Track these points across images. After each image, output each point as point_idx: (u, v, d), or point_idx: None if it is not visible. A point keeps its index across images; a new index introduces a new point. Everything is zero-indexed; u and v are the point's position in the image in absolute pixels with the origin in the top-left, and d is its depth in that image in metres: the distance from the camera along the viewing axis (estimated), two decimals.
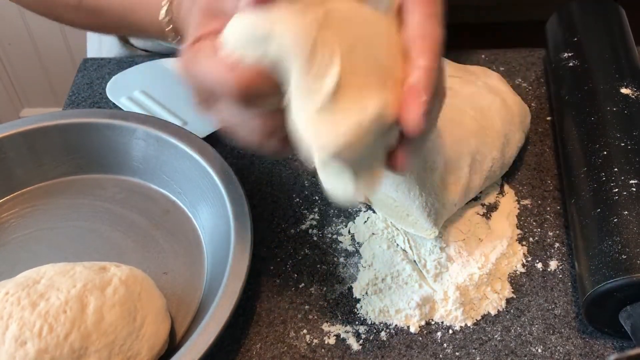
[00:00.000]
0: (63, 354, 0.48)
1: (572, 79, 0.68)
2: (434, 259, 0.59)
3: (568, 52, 0.71)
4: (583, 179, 0.59)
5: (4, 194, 0.67)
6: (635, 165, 0.57)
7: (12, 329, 0.48)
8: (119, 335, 0.50)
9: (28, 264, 0.56)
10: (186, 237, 0.64)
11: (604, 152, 0.59)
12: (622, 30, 0.71)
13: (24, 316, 0.49)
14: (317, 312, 0.58)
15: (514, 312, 0.57)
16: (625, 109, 0.62)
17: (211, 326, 0.51)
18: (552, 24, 0.76)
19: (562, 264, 0.60)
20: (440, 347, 0.55)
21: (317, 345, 0.55)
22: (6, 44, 1.65)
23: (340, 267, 0.61)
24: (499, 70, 0.78)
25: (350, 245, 0.62)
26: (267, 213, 0.66)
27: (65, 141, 0.67)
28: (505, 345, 0.55)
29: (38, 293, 0.50)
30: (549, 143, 0.71)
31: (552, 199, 0.65)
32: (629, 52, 0.69)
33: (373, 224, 0.63)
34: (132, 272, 0.54)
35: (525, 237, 0.62)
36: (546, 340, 0.55)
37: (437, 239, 0.61)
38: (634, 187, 0.56)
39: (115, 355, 0.50)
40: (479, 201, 0.65)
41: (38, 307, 0.49)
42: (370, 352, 0.55)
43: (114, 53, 0.88)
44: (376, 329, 0.56)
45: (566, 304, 0.57)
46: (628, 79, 0.65)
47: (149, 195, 0.67)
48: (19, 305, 0.49)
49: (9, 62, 1.70)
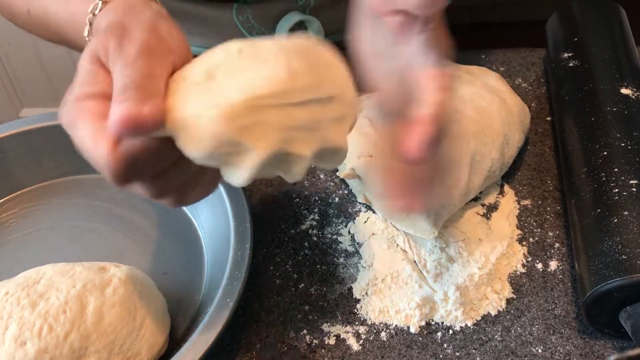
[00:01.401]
0: (63, 354, 0.48)
1: (572, 79, 0.68)
2: (434, 259, 0.59)
3: (568, 52, 0.71)
4: (583, 179, 0.59)
5: (4, 194, 0.67)
6: (635, 166, 0.57)
7: (12, 329, 0.48)
8: (119, 335, 0.50)
9: (28, 263, 0.56)
10: (186, 237, 0.64)
11: (604, 152, 0.59)
12: (622, 30, 0.71)
13: (23, 316, 0.49)
14: (317, 312, 0.58)
15: (514, 312, 0.57)
16: (625, 109, 0.62)
17: (211, 326, 0.51)
18: (552, 24, 0.76)
19: (562, 264, 0.60)
20: (441, 348, 0.55)
21: (317, 346, 0.55)
22: (6, 44, 1.65)
23: (340, 268, 0.61)
24: (499, 71, 0.78)
25: (350, 245, 0.62)
26: (267, 213, 0.66)
27: (66, 141, 0.67)
28: (505, 345, 0.55)
29: (38, 293, 0.50)
30: (549, 143, 0.71)
31: (552, 199, 0.65)
32: (629, 52, 0.69)
33: (373, 224, 0.63)
34: (132, 272, 0.54)
35: (525, 238, 0.62)
36: (546, 341, 0.55)
37: (437, 239, 0.61)
38: (634, 187, 0.56)
39: (115, 355, 0.50)
40: (479, 201, 0.65)
41: (38, 307, 0.49)
42: (370, 352, 0.55)
43: None
44: (376, 329, 0.56)
45: (566, 304, 0.57)
46: (628, 79, 0.65)
47: None
48: (19, 305, 0.49)
49: (8, 62, 1.70)
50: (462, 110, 0.63)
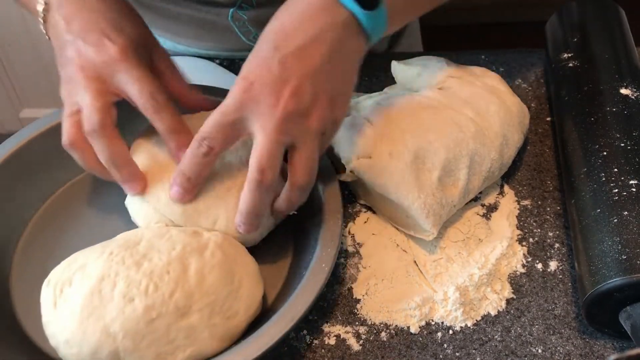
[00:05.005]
0: (169, 311, 0.50)
1: (572, 80, 0.68)
2: (434, 259, 0.59)
3: (568, 53, 0.71)
4: (583, 180, 0.59)
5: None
6: (635, 166, 0.57)
7: (120, 286, 0.50)
8: (219, 295, 0.51)
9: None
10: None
11: (603, 152, 0.59)
12: (622, 30, 0.71)
13: (129, 275, 0.50)
14: (317, 312, 0.58)
15: (514, 312, 0.57)
16: (625, 109, 0.62)
17: (307, 289, 0.52)
18: (552, 24, 0.76)
19: (562, 265, 0.60)
20: (441, 348, 0.55)
21: (317, 346, 0.56)
22: (6, 45, 1.65)
23: (340, 268, 0.61)
24: (499, 71, 0.78)
25: (350, 245, 0.62)
26: None
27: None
28: (505, 345, 0.55)
29: (140, 254, 0.52)
30: (549, 143, 0.71)
31: (552, 200, 0.65)
32: (629, 52, 0.69)
33: (373, 225, 0.63)
34: (225, 236, 0.55)
35: (525, 238, 0.62)
36: (546, 341, 0.55)
37: (437, 239, 0.61)
38: (634, 187, 0.56)
39: (216, 314, 0.51)
40: (479, 202, 0.65)
41: (142, 266, 0.51)
42: (370, 352, 0.55)
43: None
44: (376, 329, 0.56)
45: (566, 305, 0.57)
46: (628, 79, 0.65)
47: None
48: (124, 264, 0.51)
49: (8, 62, 1.70)
50: (461, 111, 0.63)
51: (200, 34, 0.80)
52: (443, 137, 0.60)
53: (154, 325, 0.49)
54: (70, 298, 0.50)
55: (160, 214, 0.56)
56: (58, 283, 0.52)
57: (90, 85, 0.55)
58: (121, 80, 0.55)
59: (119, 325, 0.49)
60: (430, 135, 0.60)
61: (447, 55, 0.71)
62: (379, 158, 0.60)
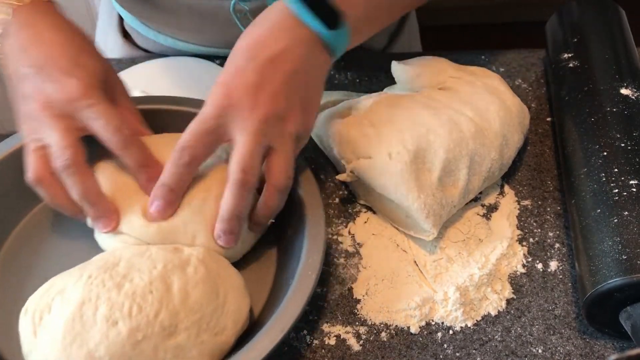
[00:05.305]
0: (155, 332, 0.49)
1: (572, 80, 0.68)
2: (434, 259, 0.59)
3: (568, 53, 0.71)
4: (583, 180, 0.59)
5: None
6: (635, 166, 0.57)
7: (102, 310, 0.49)
8: (206, 311, 0.50)
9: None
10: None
11: (603, 152, 0.59)
12: (622, 31, 0.71)
13: (111, 297, 0.49)
14: (317, 312, 0.58)
15: (515, 312, 0.57)
16: (625, 109, 0.62)
17: (297, 295, 0.52)
18: (552, 24, 0.76)
19: (562, 265, 0.60)
20: (441, 348, 0.55)
21: (317, 346, 0.55)
22: None
23: (340, 268, 0.61)
24: (499, 71, 0.78)
25: (350, 245, 0.62)
26: None
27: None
28: (505, 345, 0.55)
29: (120, 275, 0.51)
30: (549, 144, 0.71)
31: (552, 200, 0.65)
32: (629, 52, 0.69)
33: (373, 225, 0.63)
34: (207, 251, 0.54)
35: (526, 238, 0.62)
36: (546, 341, 0.55)
37: (438, 239, 0.61)
38: (634, 187, 0.56)
39: (204, 331, 0.50)
40: (479, 202, 0.65)
41: (124, 288, 0.50)
42: (370, 352, 0.55)
43: (115, 53, 0.88)
44: (376, 329, 0.56)
45: (566, 305, 0.57)
46: (628, 80, 0.65)
47: None
48: (105, 287, 0.50)
49: None
50: (461, 111, 0.63)
51: (199, 25, 0.79)
52: (443, 138, 0.60)
53: (140, 347, 0.48)
54: (50, 325, 0.49)
55: (134, 239, 0.55)
56: (37, 311, 0.50)
57: (57, 124, 0.54)
58: (85, 116, 0.55)
59: (104, 349, 0.48)
60: (430, 135, 0.60)
61: (447, 55, 0.71)
62: (378, 158, 0.60)
